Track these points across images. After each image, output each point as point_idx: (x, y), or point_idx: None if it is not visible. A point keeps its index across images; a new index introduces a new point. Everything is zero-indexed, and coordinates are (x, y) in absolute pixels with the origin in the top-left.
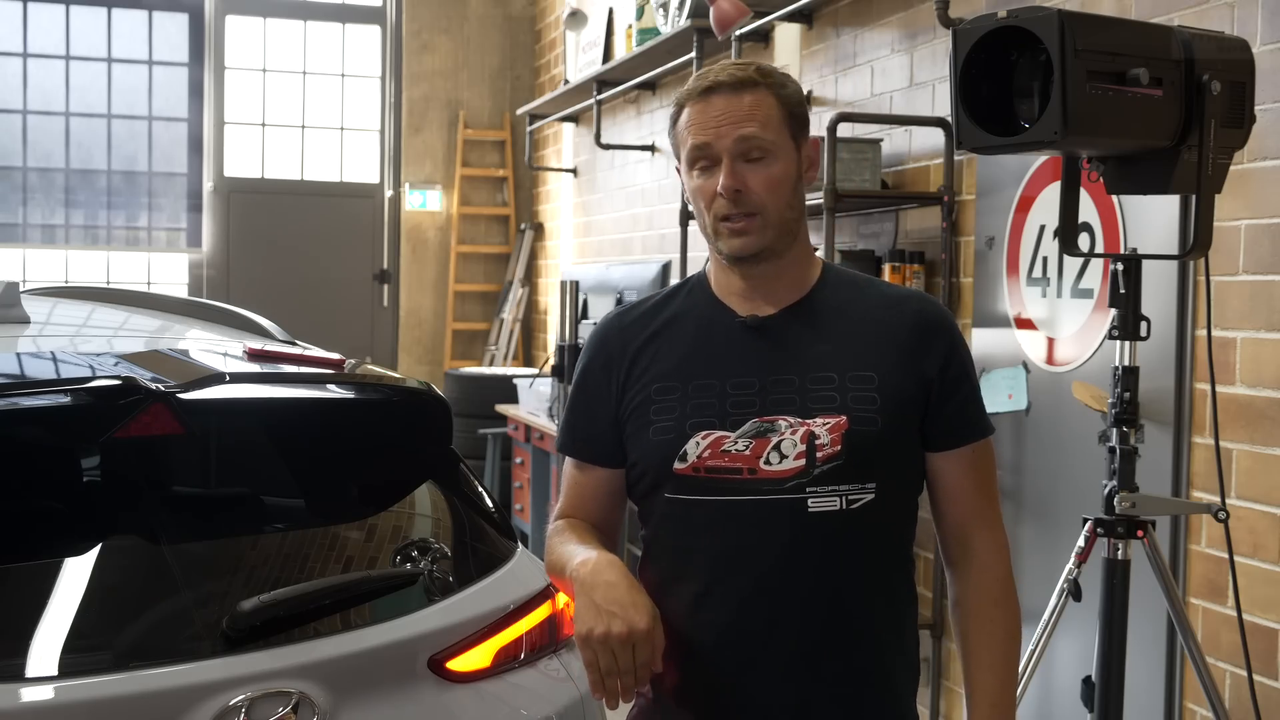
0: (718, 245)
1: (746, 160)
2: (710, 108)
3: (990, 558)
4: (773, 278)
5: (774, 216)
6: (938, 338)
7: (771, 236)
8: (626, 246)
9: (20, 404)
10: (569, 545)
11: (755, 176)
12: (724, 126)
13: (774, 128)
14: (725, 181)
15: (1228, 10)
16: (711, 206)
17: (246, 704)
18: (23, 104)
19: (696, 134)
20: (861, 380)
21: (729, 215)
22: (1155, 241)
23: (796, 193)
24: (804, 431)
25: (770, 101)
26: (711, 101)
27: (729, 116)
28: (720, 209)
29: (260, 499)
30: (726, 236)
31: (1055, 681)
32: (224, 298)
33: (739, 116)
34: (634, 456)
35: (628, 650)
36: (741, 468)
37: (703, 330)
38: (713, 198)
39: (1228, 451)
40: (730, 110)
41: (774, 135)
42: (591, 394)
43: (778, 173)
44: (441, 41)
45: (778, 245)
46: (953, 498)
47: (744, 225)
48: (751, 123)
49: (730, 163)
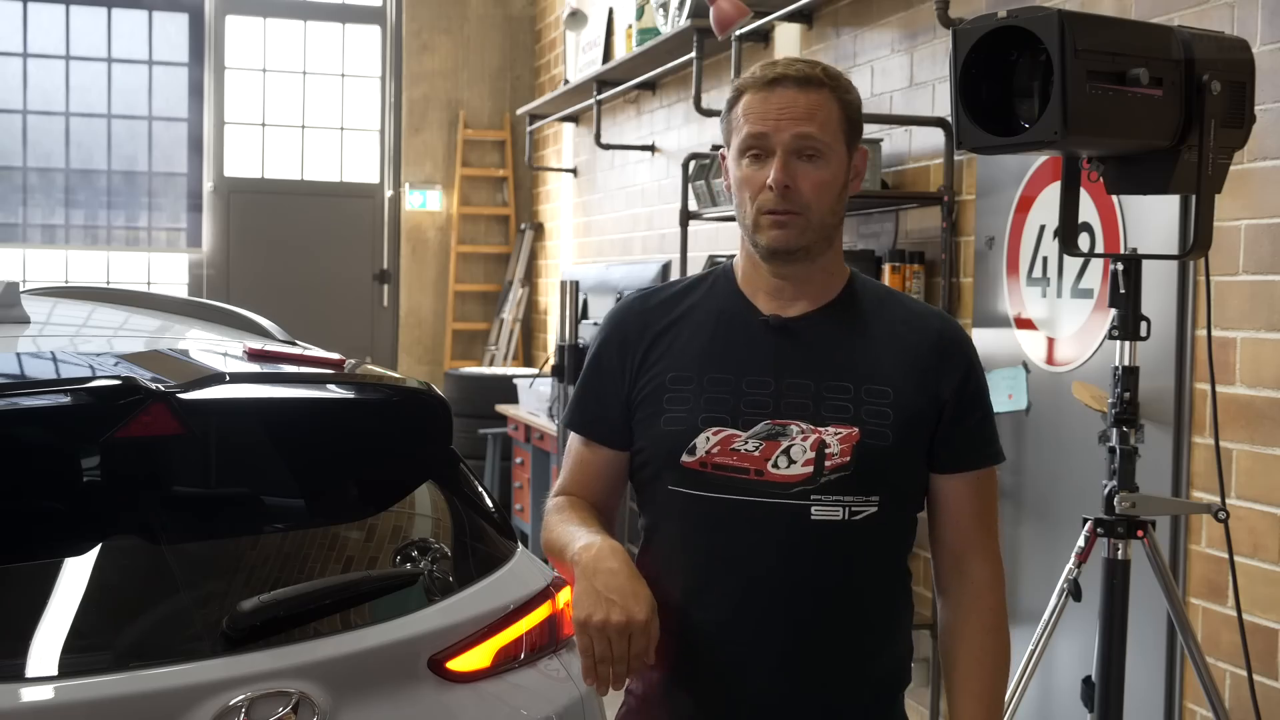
0: (755, 237)
1: (800, 158)
2: (772, 99)
3: (985, 586)
4: (802, 280)
5: (816, 219)
6: (956, 359)
7: (811, 237)
8: (626, 246)
9: (20, 404)
10: (570, 526)
11: (806, 176)
12: (784, 120)
13: (832, 130)
14: (776, 176)
15: (1228, 10)
16: (756, 198)
17: (246, 704)
18: (23, 104)
19: (755, 123)
20: (877, 394)
21: (772, 209)
22: (1155, 241)
23: (840, 199)
24: (815, 439)
25: (833, 104)
26: (775, 93)
27: (790, 111)
28: (766, 202)
29: (260, 499)
30: (767, 228)
31: (1055, 681)
32: (224, 298)
33: (800, 113)
34: (642, 442)
35: (624, 640)
36: (749, 468)
37: (723, 324)
38: (759, 189)
39: (1228, 451)
40: (792, 105)
41: (830, 138)
42: (605, 374)
43: (828, 176)
44: (441, 41)
45: (814, 248)
46: (952, 522)
47: (786, 219)
48: (812, 122)
49: (784, 157)
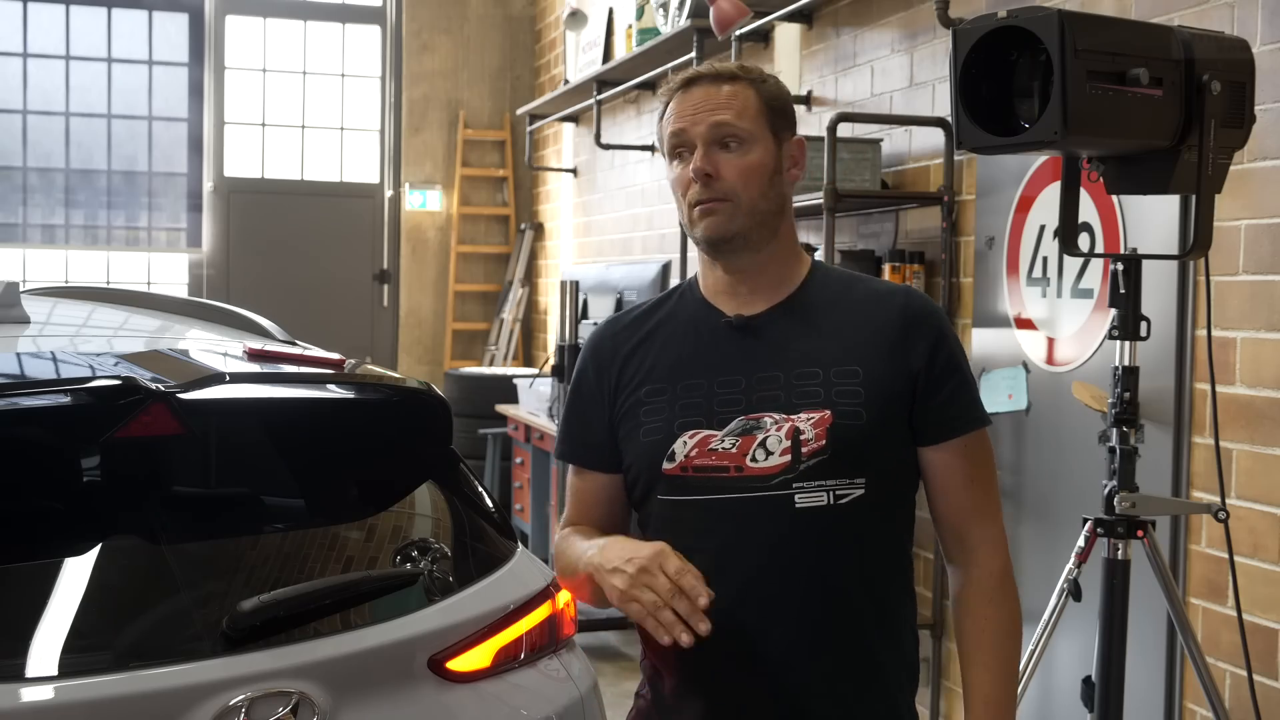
0: (693, 233)
1: (720, 147)
2: (689, 98)
3: (986, 554)
4: (755, 274)
5: (746, 204)
6: (923, 330)
7: (743, 223)
8: (626, 246)
9: (20, 404)
10: (575, 547)
11: (728, 164)
12: (700, 114)
13: (750, 117)
14: (696, 164)
15: (1228, 10)
16: (687, 195)
17: (246, 704)
18: (23, 104)
19: (674, 122)
20: (846, 375)
21: (700, 200)
22: (1155, 241)
23: (774, 186)
24: (789, 427)
25: (748, 93)
26: (691, 92)
27: (705, 105)
28: (693, 195)
29: (260, 499)
30: (698, 219)
31: (1055, 681)
32: (224, 298)
33: (715, 105)
34: (628, 460)
35: (660, 578)
36: (728, 465)
37: (691, 331)
38: (687, 185)
39: (1228, 451)
40: (707, 99)
41: (749, 125)
42: (586, 400)
43: (752, 161)
44: (441, 41)
45: (752, 236)
46: (946, 492)
47: (713, 206)
48: (727, 110)
49: (704, 148)
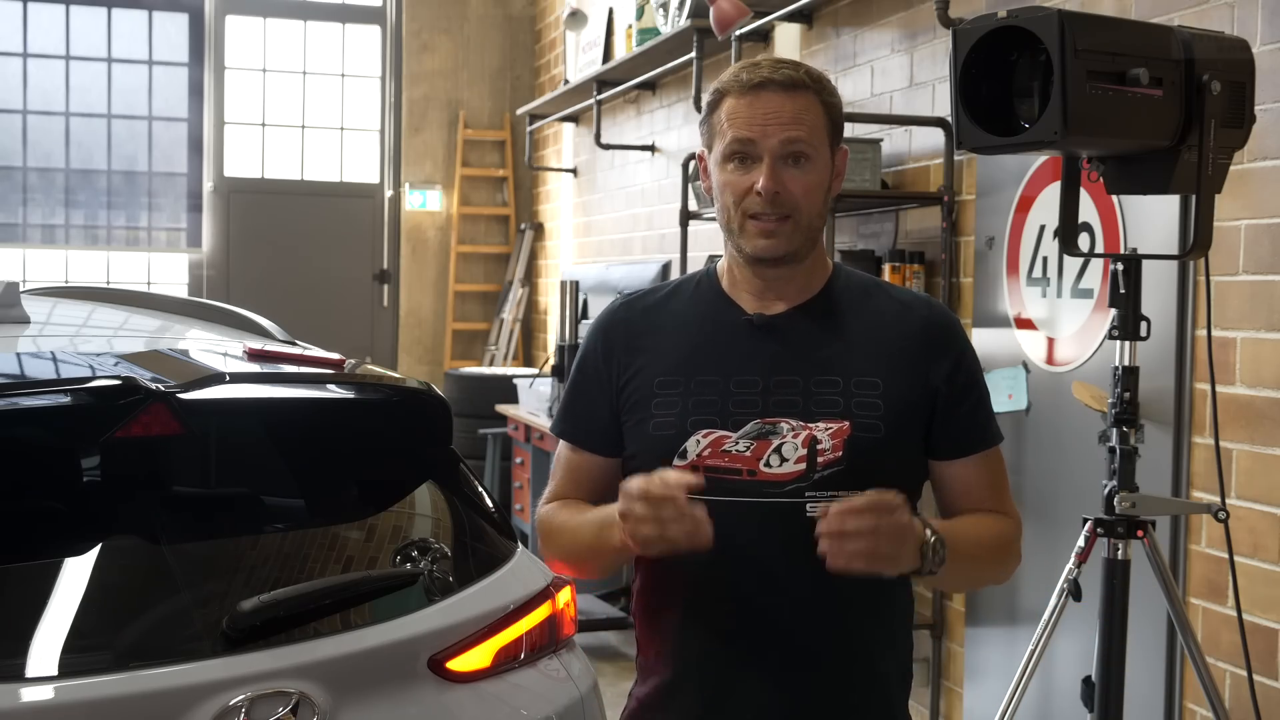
0: (740, 242)
1: (787, 163)
2: (758, 104)
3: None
4: (786, 279)
5: (805, 222)
6: (945, 345)
7: (799, 242)
8: (626, 246)
9: (20, 404)
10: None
11: (795, 181)
12: (771, 126)
13: (818, 134)
14: (766, 183)
15: (1228, 10)
16: (742, 202)
17: (246, 704)
18: (23, 104)
19: (740, 128)
20: (866, 386)
21: (759, 214)
22: (1155, 241)
23: (826, 201)
24: (806, 435)
25: (818, 107)
26: (760, 98)
27: (777, 117)
28: (752, 206)
29: (260, 499)
30: (753, 235)
31: (1055, 681)
32: (224, 298)
33: (787, 118)
34: (633, 449)
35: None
36: (741, 469)
37: (708, 326)
38: (744, 194)
39: (1228, 451)
40: (779, 110)
41: (817, 141)
42: (591, 381)
43: (815, 179)
44: (441, 41)
45: (801, 251)
46: (964, 495)
47: (774, 226)
48: (800, 126)
49: (772, 163)
